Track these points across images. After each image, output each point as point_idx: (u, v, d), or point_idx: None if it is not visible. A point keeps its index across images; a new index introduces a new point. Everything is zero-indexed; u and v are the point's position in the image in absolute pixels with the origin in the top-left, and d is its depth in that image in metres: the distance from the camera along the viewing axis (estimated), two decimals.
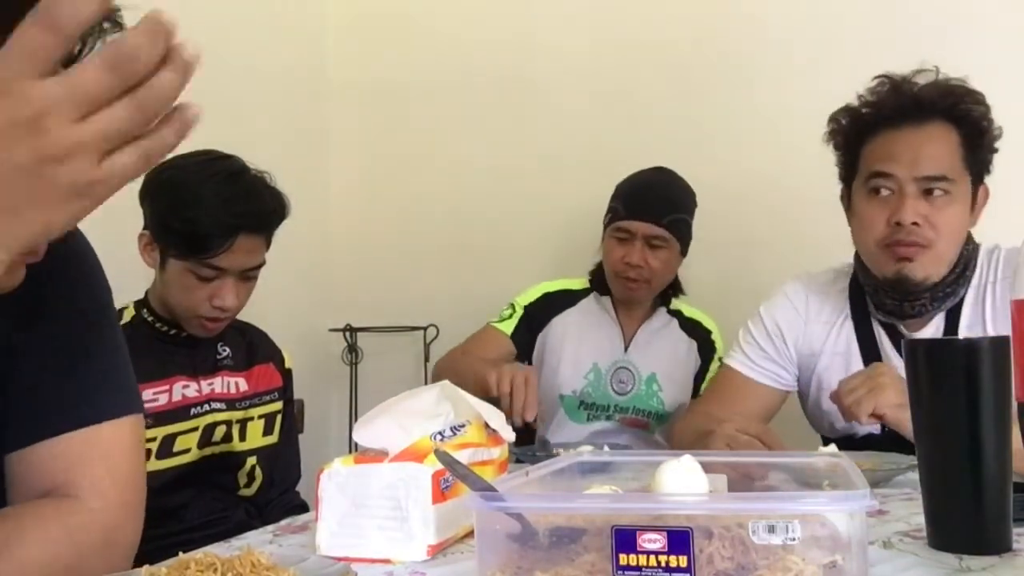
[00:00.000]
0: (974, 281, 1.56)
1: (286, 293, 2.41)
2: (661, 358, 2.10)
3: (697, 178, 2.09)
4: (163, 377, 1.61)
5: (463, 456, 0.98)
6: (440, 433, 1.02)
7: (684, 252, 2.07)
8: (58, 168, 0.52)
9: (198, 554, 0.74)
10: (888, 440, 1.54)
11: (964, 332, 1.53)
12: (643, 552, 0.72)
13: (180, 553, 0.75)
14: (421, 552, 0.93)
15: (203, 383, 1.66)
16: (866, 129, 1.56)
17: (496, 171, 2.76)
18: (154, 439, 1.56)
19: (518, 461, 1.46)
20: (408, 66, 2.87)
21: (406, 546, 0.93)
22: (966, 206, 1.52)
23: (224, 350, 1.72)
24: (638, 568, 0.72)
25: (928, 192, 1.49)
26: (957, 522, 0.90)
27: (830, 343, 1.65)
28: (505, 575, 0.76)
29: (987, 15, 2.28)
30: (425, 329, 2.81)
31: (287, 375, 1.82)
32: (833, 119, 1.61)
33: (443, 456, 0.87)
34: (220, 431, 1.65)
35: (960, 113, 1.50)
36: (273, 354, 1.81)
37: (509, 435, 1.13)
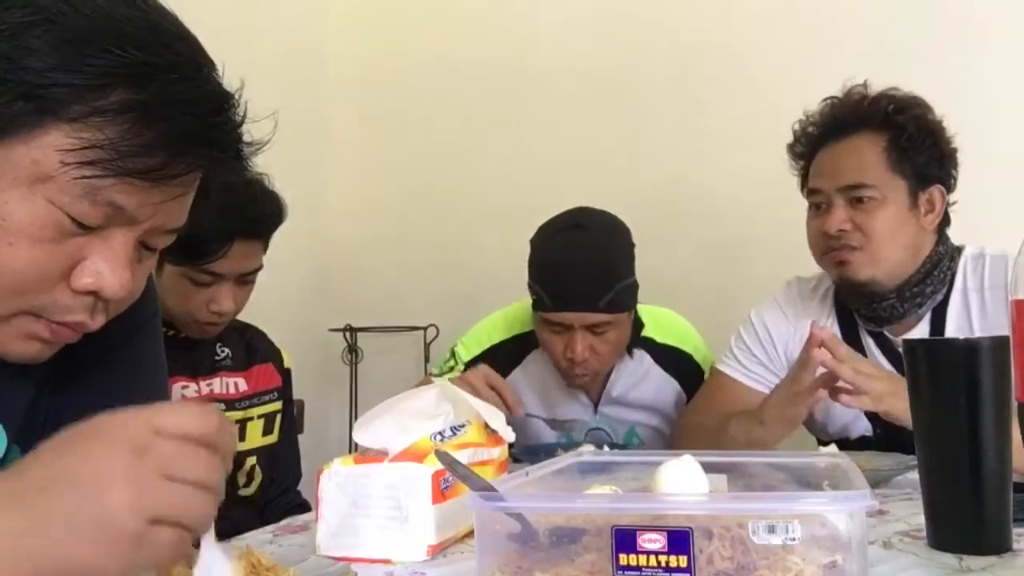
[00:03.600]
0: (958, 284, 1.57)
1: (286, 293, 2.41)
2: (638, 409, 1.79)
3: (695, 179, 2.09)
4: None
5: (463, 456, 0.98)
6: (440, 433, 1.02)
7: (635, 307, 1.72)
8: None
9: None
10: (883, 442, 1.54)
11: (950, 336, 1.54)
12: (643, 552, 0.72)
13: None
14: (421, 552, 0.93)
15: (202, 384, 1.66)
16: (807, 152, 1.65)
17: (496, 170, 2.76)
18: None
19: (518, 461, 1.46)
20: (408, 65, 2.86)
21: (406, 546, 0.93)
22: (901, 209, 1.55)
23: (223, 351, 1.71)
24: (638, 568, 0.72)
25: (857, 200, 1.55)
26: (957, 522, 0.90)
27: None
28: (505, 575, 0.76)
29: (987, 19, 2.28)
30: (425, 329, 2.81)
31: (286, 375, 1.82)
32: (789, 147, 1.69)
33: (443, 456, 0.87)
34: None
35: (881, 121, 1.56)
36: (272, 354, 1.81)
37: (509, 435, 1.13)
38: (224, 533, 1.17)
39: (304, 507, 1.67)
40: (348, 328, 2.86)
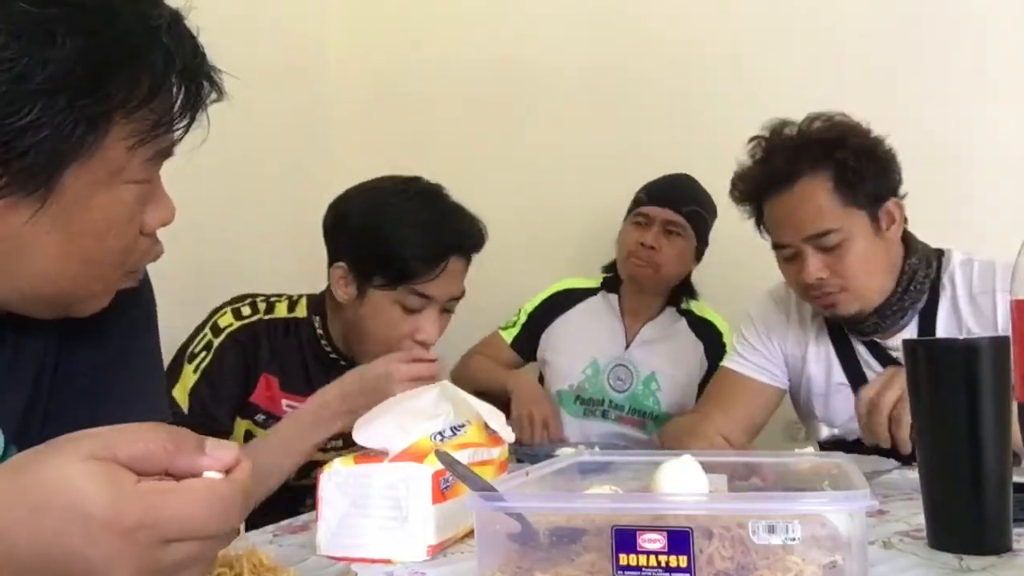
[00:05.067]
0: (947, 291, 1.57)
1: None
2: (663, 357, 2.08)
3: (705, 178, 2.08)
4: (308, 395, 1.49)
5: (463, 456, 0.98)
6: (440, 433, 1.02)
7: (700, 256, 2.08)
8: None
9: None
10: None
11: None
12: (643, 552, 0.72)
13: None
14: (421, 552, 0.93)
15: None
16: (753, 197, 1.60)
17: (498, 171, 2.75)
18: None
19: (518, 461, 1.46)
20: (409, 65, 2.86)
21: (406, 546, 0.94)
22: (867, 238, 1.52)
23: None
24: (638, 568, 0.72)
25: (825, 246, 1.51)
26: (957, 522, 0.90)
27: (812, 349, 1.68)
28: (505, 575, 0.76)
29: (987, 22, 2.28)
30: None
31: None
32: (732, 186, 1.63)
33: (443, 456, 0.87)
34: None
35: (819, 160, 1.50)
36: None
37: (509, 435, 1.13)
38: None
39: None
40: None
